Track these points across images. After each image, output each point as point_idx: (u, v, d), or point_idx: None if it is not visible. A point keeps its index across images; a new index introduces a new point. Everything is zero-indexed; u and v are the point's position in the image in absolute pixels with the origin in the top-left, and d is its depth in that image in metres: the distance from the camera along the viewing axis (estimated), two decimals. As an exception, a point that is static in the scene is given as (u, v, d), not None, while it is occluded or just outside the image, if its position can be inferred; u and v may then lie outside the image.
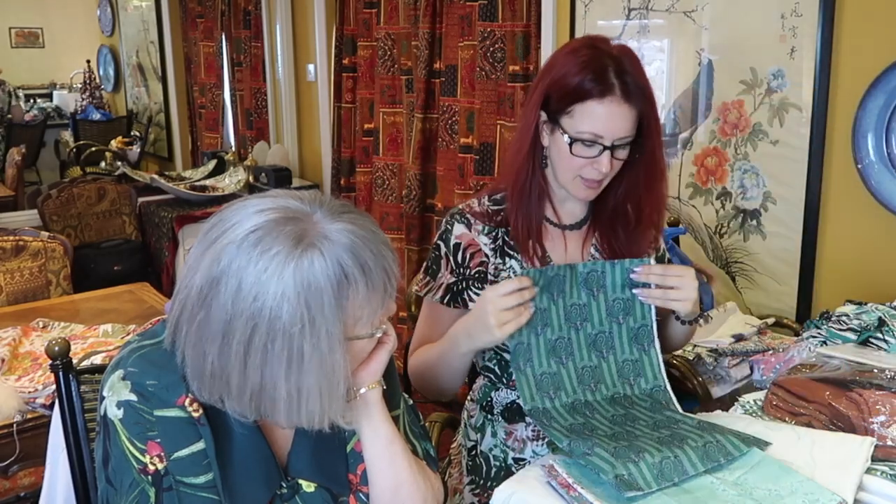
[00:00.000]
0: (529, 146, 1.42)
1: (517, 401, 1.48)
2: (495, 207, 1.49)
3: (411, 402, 1.24)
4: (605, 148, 1.35)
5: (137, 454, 0.96)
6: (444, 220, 1.51)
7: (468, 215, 1.48)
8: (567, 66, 1.36)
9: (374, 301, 0.95)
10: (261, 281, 0.89)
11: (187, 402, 0.98)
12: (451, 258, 1.47)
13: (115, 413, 0.97)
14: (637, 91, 1.34)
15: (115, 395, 0.97)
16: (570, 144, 1.36)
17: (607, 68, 1.33)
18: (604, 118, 1.33)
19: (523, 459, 1.48)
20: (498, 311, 1.27)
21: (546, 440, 1.46)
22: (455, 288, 1.47)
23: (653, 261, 1.39)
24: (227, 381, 0.92)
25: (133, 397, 0.96)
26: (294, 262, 0.89)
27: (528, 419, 1.48)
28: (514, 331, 1.29)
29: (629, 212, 1.48)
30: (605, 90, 1.32)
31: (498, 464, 1.50)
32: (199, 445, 0.98)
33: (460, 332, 1.36)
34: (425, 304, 1.53)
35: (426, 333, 1.52)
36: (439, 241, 1.50)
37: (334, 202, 0.97)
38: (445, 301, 1.47)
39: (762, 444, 1.18)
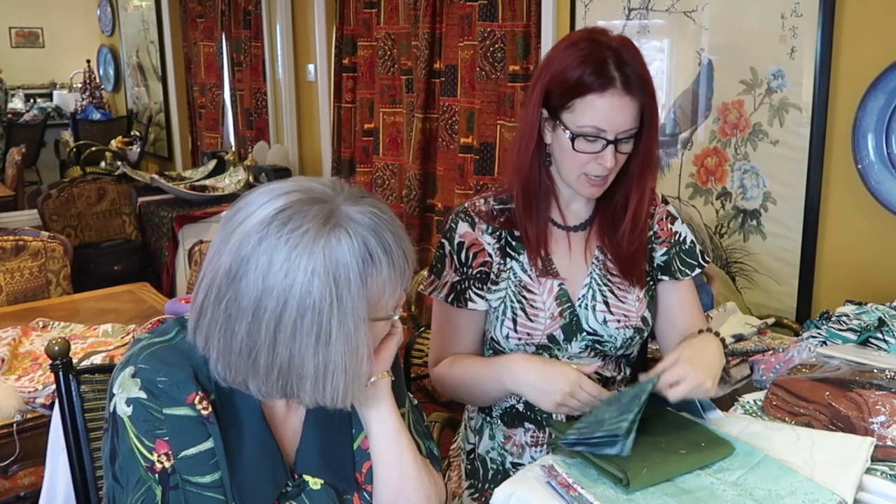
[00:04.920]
0: (532, 145, 1.40)
1: (517, 405, 1.47)
2: (500, 207, 1.47)
3: (416, 402, 1.24)
4: (609, 142, 1.33)
5: (145, 452, 0.97)
6: (450, 217, 1.49)
7: (472, 214, 1.46)
8: (566, 61, 1.33)
9: (394, 281, 0.98)
10: (291, 258, 0.92)
11: (197, 399, 0.98)
12: (454, 256, 1.46)
13: (124, 410, 0.97)
14: (638, 82, 1.31)
15: (124, 393, 0.97)
16: (573, 140, 1.34)
17: (607, 60, 1.30)
18: (605, 111, 1.31)
19: (521, 464, 1.46)
20: (568, 395, 1.28)
21: (544, 447, 1.45)
22: (458, 287, 1.45)
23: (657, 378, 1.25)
24: (254, 360, 0.95)
25: (143, 395, 0.97)
26: (323, 240, 0.92)
27: (527, 424, 1.46)
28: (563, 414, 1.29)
29: (629, 206, 1.44)
30: (606, 83, 1.30)
31: (495, 467, 1.50)
32: (207, 444, 0.99)
33: (517, 375, 1.34)
34: (435, 307, 1.51)
35: (444, 338, 1.49)
36: (444, 240, 1.48)
37: (354, 188, 1.00)
38: (450, 300, 1.45)
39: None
